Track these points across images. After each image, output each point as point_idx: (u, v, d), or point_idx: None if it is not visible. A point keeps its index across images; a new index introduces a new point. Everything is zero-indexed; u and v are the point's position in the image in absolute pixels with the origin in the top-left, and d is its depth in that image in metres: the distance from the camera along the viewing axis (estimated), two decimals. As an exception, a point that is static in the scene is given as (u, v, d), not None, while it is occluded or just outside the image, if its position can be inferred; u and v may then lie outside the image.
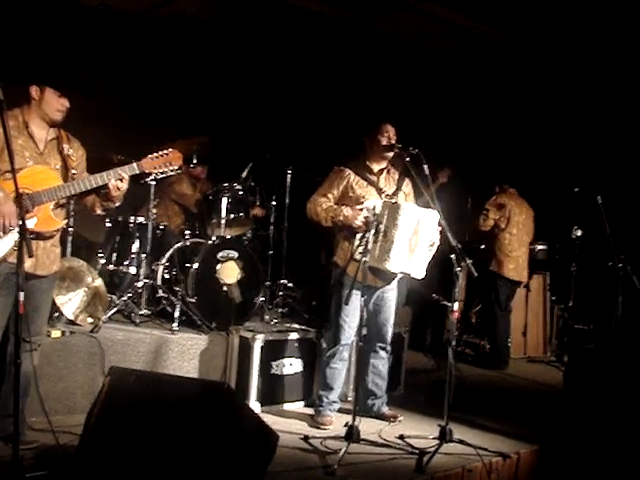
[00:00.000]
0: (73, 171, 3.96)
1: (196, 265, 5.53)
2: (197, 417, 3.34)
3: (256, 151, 6.58)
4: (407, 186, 5.10)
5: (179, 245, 5.83)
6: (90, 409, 3.46)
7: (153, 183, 5.68)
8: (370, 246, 4.46)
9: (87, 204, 4.09)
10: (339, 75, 8.17)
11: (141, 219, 5.90)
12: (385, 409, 5.16)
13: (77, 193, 3.88)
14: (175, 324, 5.35)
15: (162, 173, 4.09)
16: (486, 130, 8.74)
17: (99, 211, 4.11)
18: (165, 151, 4.00)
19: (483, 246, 7.44)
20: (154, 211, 5.84)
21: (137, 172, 3.94)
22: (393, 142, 4.91)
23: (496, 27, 7.15)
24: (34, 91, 3.84)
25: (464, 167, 6.80)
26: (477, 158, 7.17)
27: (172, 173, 4.19)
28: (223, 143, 6.40)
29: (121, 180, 3.87)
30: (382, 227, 4.53)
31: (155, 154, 3.98)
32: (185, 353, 5.23)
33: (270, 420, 4.92)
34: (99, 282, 5.46)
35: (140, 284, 5.62)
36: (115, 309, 5.41)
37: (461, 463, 4.39)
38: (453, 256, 4.52)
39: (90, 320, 5.19)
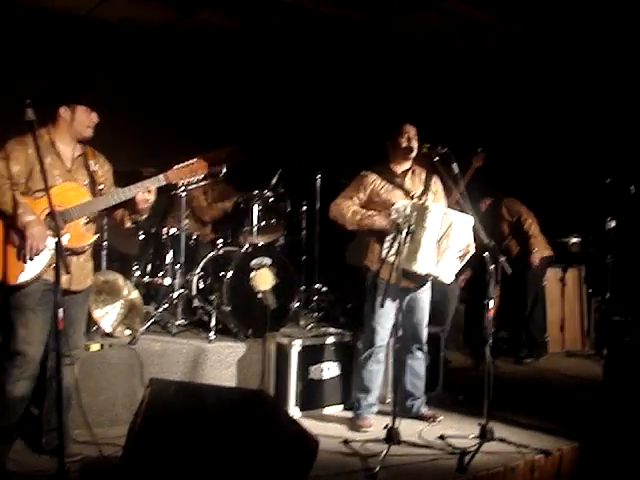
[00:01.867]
0: (101, 186, 4.03)
1: (230, 274, 5.55)
2: (237, 425, 3.37)
3: (285, 157, 6.61)
4: (435, 184, 5.08)
5: (212, 254, 5.87)
6: (132, 421, 3.51)
7: (184, 194, 5.73)
8: (401, 248, 4.47)
9: (116, 218, 4.15)
10: (364, 77, 8.19)
11: (173, 230, 5.95)
12: (424, 409, 5.16)
13: (107, 207, 3.94)
14: (211, 333, 5.39)
15: (189, 183, 4.16)
16: (516, 125, 8.68)
17: (128, 224, 4.16)
18: (190, 161, 4.03)
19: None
20: (186, 221, 5.89)
21: (164, 183, 3.98)
22: (413, 144, 4.91)
23: (519, 22, 7.10)
24: (63, 112, 3.90)
25: (493, 164, 6.74)
26: (507, 154, 7.11)
27: (201, 183, 4.24)
28: (252, 151, 6.43)
29: (149, 192, 3.92)
30: (411, 229, 4.52)
31: (180, 165, 4.01)
32: (222, 362, 5.27)
33: (310, 425, 4.92)
34: (135, 294, 5.53)
35: (175, 295, 5.66)
36: (152, 320, 5.47)
37: (503, 462, 4.38)
38: (486, 254, 4.51)
39: (128, 332, 5.26)
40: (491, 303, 4.57)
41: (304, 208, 6.68)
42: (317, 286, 6.57)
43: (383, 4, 6.85)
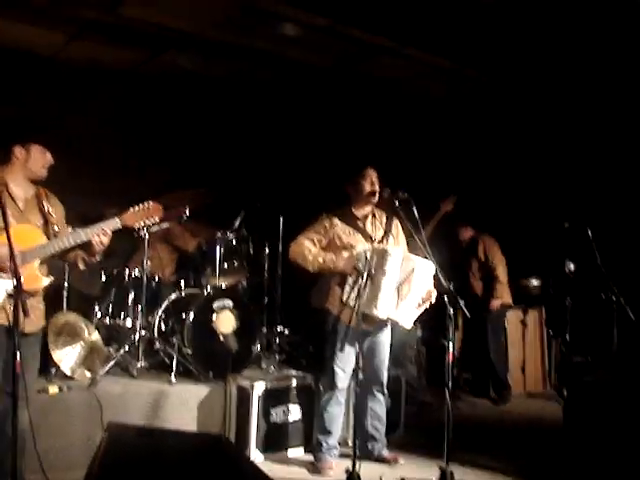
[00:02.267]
0: (55, 227, 4.01)
1: (192, 316, 5.57)
2: (197, 472, 3.34)
3: (247, 199, 6.66)
4: (396, 228, 5.15)
5: (174, 296, 5.87)
6: (89, 466, 3.46)
7: (147, 237, 5.72)
8: (361, 292, 4.51)
9: (70, 259, 4.11)
10: (327, 121, 8.28)
11: (136, 271, 5.94)
12: (385, 452, 5.16)
13: (62, 250, 3.90)
14: (172, 375, 5.37)
15: (144, 226, 4.15)
16: (474, 169, 8.84)
17: (82, 266, 4.11)
18: (145, 204, 4.03)
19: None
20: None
21: (119, 226, 3.96)
22: (376, 188, 4.98)
23: (479, 69, 7.26)
24: (18, 152, 3.90)
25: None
26: (467, 196, 7.22)
27: (163, 226, 4.25)
28: (216, 193, 6.46)
29: (104, 235, 3.91)
30: (371, 273, 4.56)
31: (136, 208, 4.01)
32: (184, 404, 5.24)
33: (272, 468, 4.97)
34: (96, 336, 5.49)
35: (137, 336, 5.63)
36: (112, 362, 5.41)
37: (462, 505, 4.40)
38: (446, 298, 4.57)
39: (88, 374, 5.21)
40: (450, 346, 4.61)
41: (266, 250, 6.72)
42: (279, 328, 6.59)
43: (345, 50, 6.95)
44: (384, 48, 6.88)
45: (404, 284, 4.64)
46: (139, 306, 5.76)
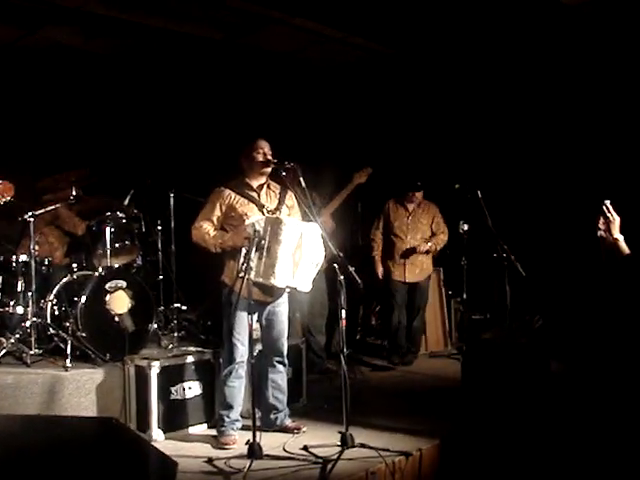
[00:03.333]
0: None
1: (84, 298, 5.45)
2: (90, 456, 3.27)
3: (136, 177, 6.53)
4: (290, 199, 5.15)
5: (66, 280, 5.73)
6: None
7: (32, 220, 5.54)
8: (255, 262, 4.51)
9: None
10: (217, 95, 8.18)
11: (24, 257, 5.75)
12: (288, 422, 5.18)
13: None
14: (68, 360, 5.24)
15: None
16: (370, 136, 8.93)
17: None
18: None
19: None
20: (36, 247, 5.71)
21: None
22: (269, 158, 4.97)
23: (367, 37, 7.30)
24: None
25: (349, 170, 6.91)
26: (362, 163, 7.29)
27: (49, 208, 4.16)
28: (102, 172, 6.31)
29: None
30: (265, 243, 4.57)
31: None
32: (81, 389, 5.12)
33: (174, 446, 4.93)
34: (-16, 326, 5.32)
35: (28, 323, 5.47)
36: (3, 352, 5.26)
37: (364, 467, 4.43)
38: (336, 265, 4.60)
39: (-23, 366, 5.04)
40: (343, 313, 4.66)
41: (159, 227, 6.62)
42: (176, 305, 6.51)
43: (233, 22, 6.86)
44: (272, 18, 6.83)
45: (296, 250, 4.66)
46: (29, 292, 5.59)
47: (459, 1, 6.47)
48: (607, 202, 4.21)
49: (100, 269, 5.70)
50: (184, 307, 6.59)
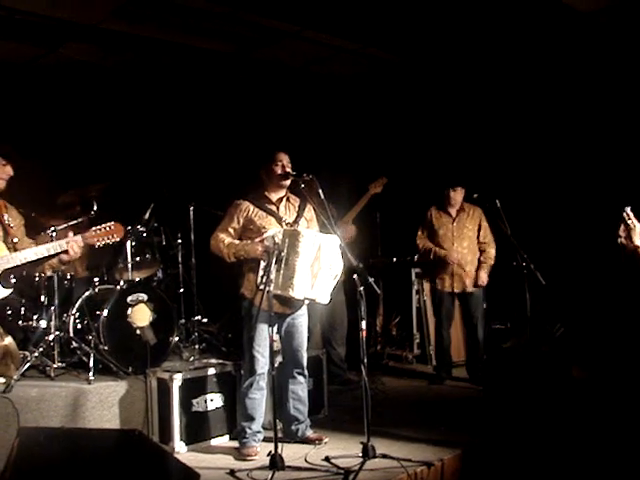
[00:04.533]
0: (15, 239, 4.02)
1: (106, 312, 5.51)
2: (114, 469, 3.31)
3: (157, 191, 6.59)
4: (309, 212, 5.18)
5: (88, 294, 5.79)
6: (1, 473, 3.40)
7: (54, 234, 5.60)
8: (273, 275, 4.54)
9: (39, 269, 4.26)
10: (235, 108, 8.24)
11: (47, 271, 5.81)
12: (309, 432, 5.20)
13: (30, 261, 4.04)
14: (91, 373, 5.30)
15: (104, 245, 4.35)
16: (386, 146, 8.95)
17: (49, 272, 4.64)
18: (108, 224, 4.27)
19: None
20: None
21: (81, 245, 4.22)
22: (288, 170, 5.00)
23: (380, 47, 7.33)
24: None
25: (366, 181, 6.93)
26: (379, 173, 7.30)
27: (71, 223, 4.29)
28: (123, 186, 6.38)
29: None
30: (284, 255, 4.60)
31: (99, 227, 4.25)
32: (104, 402, 5.17)
33: (196, 458, 4.96)
34: (8, 340, 5.32)
35: (51, 337, 5.52)
36: (27, 365, 5.31)
37: (386, 477, 4.44)
38: (355, 276, 4.62)
39: (2, 380, 5.08)
40: (363, 324, 4.67)
41: (179, 241, 6.68)
42: (197, 318, 6.55)
43: (245, 35, 6.92)
44: (285, 32, 6.88)
45: (315, 262, 4.68)
46: (52, 306, 5.65)
47: (473, 9, 6.47)
48: (628, 209, 4.21)
49: (121, 282, 5.76)
50: (205, 320, 6.64)
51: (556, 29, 6.82)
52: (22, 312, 5.88)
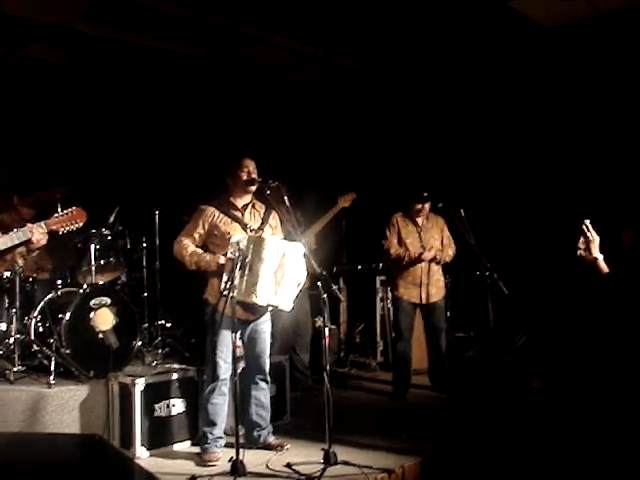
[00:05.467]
0: None
1: (68, 315, 5.47)
2: (72, 475, 3.27)
3: (122, 194, 6.56)
4: (274, 219, 5.19)
5: (50, 296, 5.74)
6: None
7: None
8: (237, 281, 4.54)
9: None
10: (202, 112, 8.23)
11: (8, 273, 5.75)
12: (271, 439, 5.20)
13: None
14: (52, 377, 5.25)
15: (67, 231, 4.41)
16: (354, 153, 9.00)
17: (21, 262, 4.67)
18: (70, 210, 4.33)
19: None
20: (20, 263, 5.71)
21: (45, 231, 4.29)
22: (253, 177, 5.01)
23: (347, 55, 7.38)
24: None
25: (333, 191, 6.95)
26: (345, 182, 7.34)
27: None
28: (88, 189, 6.32)
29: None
30: (248, 261, 4.60)
31: (61, 213, 4.30)
32: (64, 406, 5.13)
33: (157, 463, 4.93)
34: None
35: (12, 340, 5.46)
36: (-14, 369, 5.26)
37: (347, 484, 4.47)
38: (319, 283, 4.64)
39: (-41, 383, 5.03)
40: (326, 331, 4.69)
41: (144, 245, 6.65)
42: (160, 322, 6.53)
43: (218, 40, 6.92)
44: (255, 38, 6.89)
45: (278, 269, 4.70)
46: (13, 309, 5.59)
47: (438, 20, 6.55)
48: (587, 221, 4.27)
49: (85, 286, 5.72)
50: (168, 324, 6.61)
51: (519, 42, 6.92)
52: (-18, 315, 5.81)
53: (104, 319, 5.60)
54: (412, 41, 6.99)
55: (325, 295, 4.64)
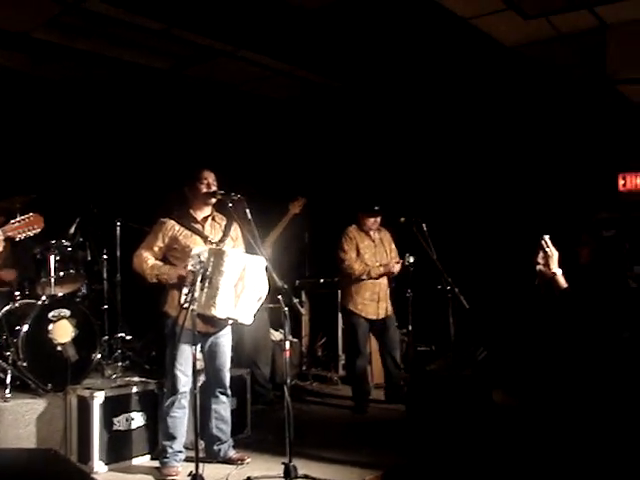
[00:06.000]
0: None
1: (26, 327, 5.38)
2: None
3: (83, 205, 6.50)
4: (235, 231, 5.18)
5: (7, 308, 5.65)
6: None
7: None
8: (197, 294, 4.52)
9: None
10: (164, 124, 8.20)
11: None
12: (232, 453, 5.18)
13: None
14: (7, 390, 5.16)
15: (25, 237, 4.35)
16: (315, 168, 9.04)
17: None
18: (27, 216, 4.31)
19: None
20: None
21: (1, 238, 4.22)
22: (214, 189, 4.99)
23: (313, 70, 7.41)
24: None
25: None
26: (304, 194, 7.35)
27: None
28: (48, 199, 6.25)
29: None
30: (208, 274, 4.59)
31: (18, 219, 4.27)
32: (20, 420, 5.04)
33: (116, 478, 4.90)
34: None
35: (-33, 352, 5.38)
36: (-60, 383, 5.16)
37: (307, 498, 4.48)
38: (280, 296, 4.64)
39: None
40: (287, 345, 4.69)
41: (104, 256, 6.59)
42: (121, 335, 6.45)
43: (181, 53, 6.91)
44: (220, 51, 6.89)
45: (238, 282, 4.69)
46: (-32, 320, 5.50)
47: (405, 39, 6.62)
48: (546, 237, 4.32)
49: (44, 297, 5.63)
50: (128, 337, 6.53)
51: (481, 60, 7.02)
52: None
53: (63, 331, 5.53)
54: (374, 56, 7.04)
55: (286, 309, 4.63)
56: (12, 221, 4.23)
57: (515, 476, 4.92)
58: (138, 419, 5.28)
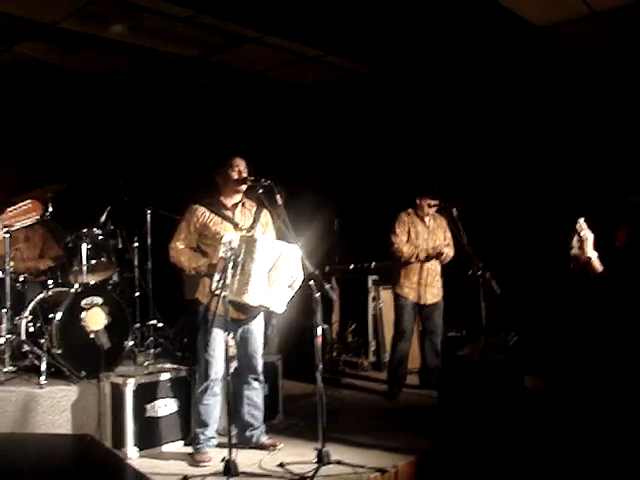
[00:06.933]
0: None
1: (59, 315, 5.43)
2: (65, 474, 3.25)
3: (113, 194, 6.53)
4: (265, 217, 5.17)
5: (41, 296, 5.71)
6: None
7: (7, 235, 5.50)
8: (229, 280, 4.51)
9: None
10: (192, 112, 8.20)
11: (-1, 273, 5.72)
12: (264, 438, 5.19)
13: None
14: (42, 377, 5.21)
15: (25, 225, 4.34)
16: (347, 153, 9.00)
17: None
18: (25, 203, 4.17)
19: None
20: (11, 263, 5.67)
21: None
22: (245, 175, 4.98)
23: (342, 55, 7.34)
24: None
25: (329, 192, 6.96)
26: (340, 183, 7.34)
27: (27, 223, 4.21)
28: (79, 188, 6.30)
29: None
30: (240, 261, 4.58)
31: (15, 207, 4.15)
32: (55, 406, 5.10)
33: (149, 464, 4.91)
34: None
35: (2, 340, 5.41)
36: (-24, 370, 5.22)
37: (340, 483, 4.45)
38: (312, 282, 4.62)
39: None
40: (319, 330, 4.67)
41: (135, 244, 6.61)
42: (152, 322, 6.49)
43: (209, 40, 6.89)
44: (247, 37, 6.86)
45: (272, 270, 4.67)
46: (4, 309, 5.54)
47: (435, 24, 6.53)
48: (581, 220, 4.26)
49: (76, 286, 5.68)
50: (160, 324, 6.55)
51: (511, 41, 6.90)
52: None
53: (96, 319, 5.57)
54: (407, 41, 6.95)
55: (318, 295, 4.62)
56: (9, 209, 4.19)
57: (547, 462, 4.88)
58: (170, 405, 5.31)
